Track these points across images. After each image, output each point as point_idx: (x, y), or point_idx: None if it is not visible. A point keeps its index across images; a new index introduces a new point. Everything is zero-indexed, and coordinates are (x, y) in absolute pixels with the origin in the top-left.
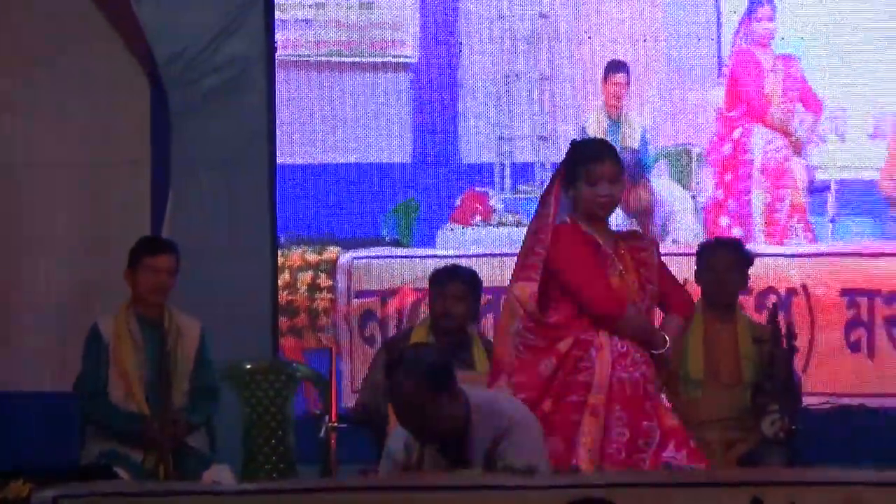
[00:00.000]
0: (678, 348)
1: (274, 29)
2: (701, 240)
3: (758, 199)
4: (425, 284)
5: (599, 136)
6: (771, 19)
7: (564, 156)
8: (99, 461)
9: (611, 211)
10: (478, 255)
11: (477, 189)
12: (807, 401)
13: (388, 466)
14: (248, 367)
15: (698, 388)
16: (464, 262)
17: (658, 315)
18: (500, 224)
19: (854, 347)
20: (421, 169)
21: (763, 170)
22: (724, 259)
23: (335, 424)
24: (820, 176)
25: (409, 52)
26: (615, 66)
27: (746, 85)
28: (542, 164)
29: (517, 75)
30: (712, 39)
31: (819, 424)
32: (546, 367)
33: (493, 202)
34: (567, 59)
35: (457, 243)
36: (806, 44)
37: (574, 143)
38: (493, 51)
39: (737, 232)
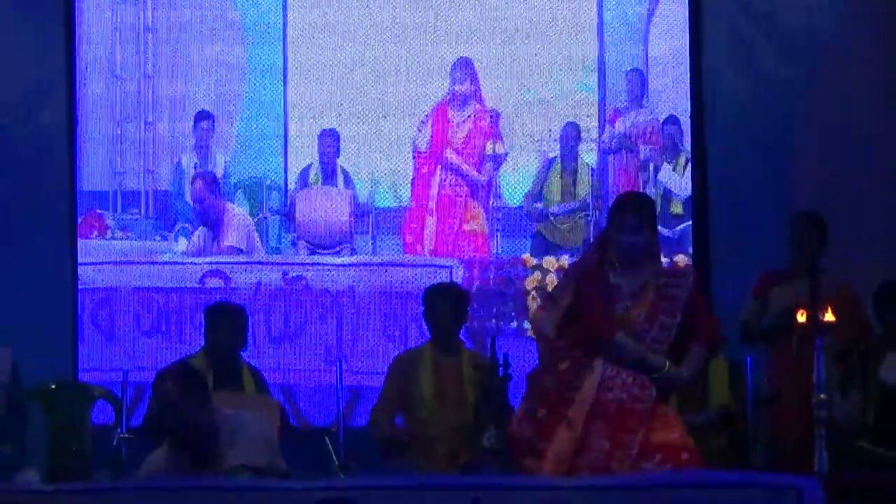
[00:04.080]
0: (697, 372)
1: (76, 47)
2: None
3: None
4: None
5: (189, 170)
6: (462, 82)
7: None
8: None
9: (632, 256)
10: (97, 263)
11: (96, 211)
12: None
13: (148, 468)
14: (53, 386)
15: (428, 408)
16: (85, 269)
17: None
18: (114, 238)
19: None
20: None
21: (441, 204)
22: (441, 305)
23: (125, 435)
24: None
25: None
26: (202, 115)
27: (438, 136)
28: (147, 192)
29: (127, 119)
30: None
31: None
32: (547, 381)
33: (109, 221)
34: (166, 108)
35: (81, 254)
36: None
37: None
38: (109, 102)
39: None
